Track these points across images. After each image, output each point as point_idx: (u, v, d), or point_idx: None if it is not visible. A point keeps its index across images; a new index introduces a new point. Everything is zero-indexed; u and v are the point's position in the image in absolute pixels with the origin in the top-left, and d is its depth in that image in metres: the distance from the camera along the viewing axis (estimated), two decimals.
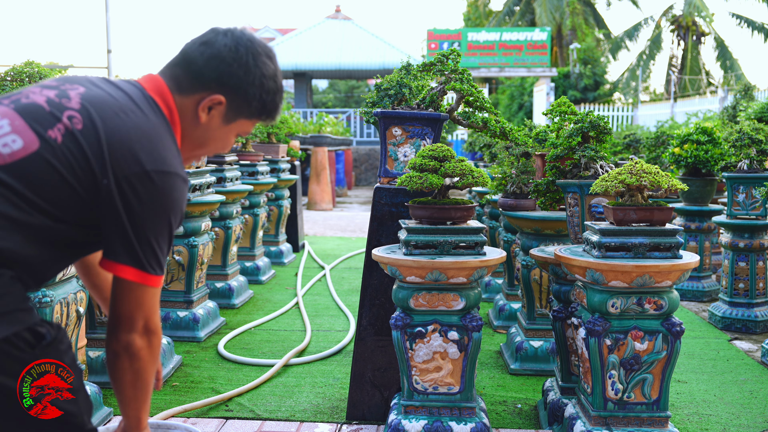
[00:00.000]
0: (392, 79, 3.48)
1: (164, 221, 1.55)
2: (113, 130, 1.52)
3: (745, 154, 4.96)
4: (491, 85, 29.65)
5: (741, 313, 4.98)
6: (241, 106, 1.69)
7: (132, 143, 1.52)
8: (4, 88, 2.84)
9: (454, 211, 2.81)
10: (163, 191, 1.53)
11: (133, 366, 1.62)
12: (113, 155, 1.49)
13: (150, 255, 1.55)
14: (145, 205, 1.51)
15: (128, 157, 1.50)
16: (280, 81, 1.74)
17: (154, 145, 1.55)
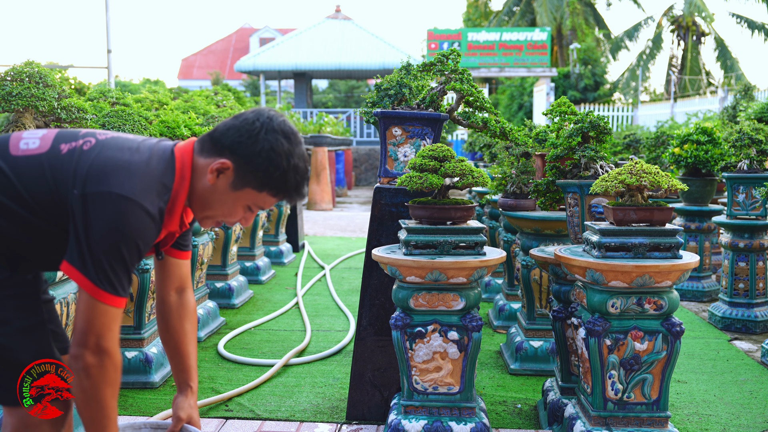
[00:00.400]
0: (392, 79, 3.48)
1: (115, 244, 1.63)
2: (106, 157, 1.71)
3: (745, 154, 4.96)
4: (491, 85, 29.66)
5: (741, 313, 4.98)
6: (248, 175, 1.76)
7: (111, 169, 1.68)
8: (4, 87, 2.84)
9: (454, 211, 2.81)
10: (119, 214, 1.63)
11: (83, 384, 1.67)
12: (90, 173, 1.67)
13: (100, 272, 1.63)
14: (100, 222, 1.63)
15: (101, 177, 1.66)
16: (296, 162, 1.76)
17: (131, 177, 1.68)
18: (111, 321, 1.66)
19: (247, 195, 1.78)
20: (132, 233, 1.64)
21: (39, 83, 2.91)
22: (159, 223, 1.73)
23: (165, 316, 2.08)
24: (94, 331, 1.64)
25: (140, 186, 1.68)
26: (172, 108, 5.54)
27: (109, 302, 1.65)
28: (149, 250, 1.84)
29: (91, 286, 1.63)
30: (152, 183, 1.72)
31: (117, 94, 4.53)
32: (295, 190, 1.77)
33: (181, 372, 2.07)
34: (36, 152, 1.74)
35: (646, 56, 27.15)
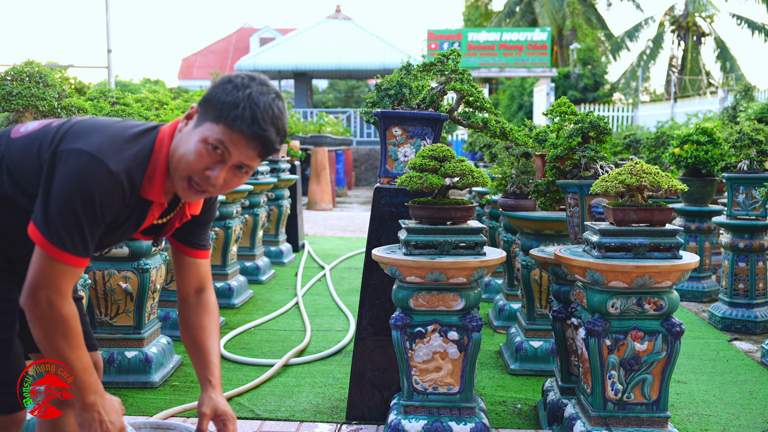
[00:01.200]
0: (392, 79, 3.48)
1: (70, 199, 1.62)
2: (87, 122, 1.76)
3: (745, 154, 4.96)
4: (491, 86, 29.65)
5: (741, 313, 4.98)
6: (206, 109, 1.71)
7: (87, 130, 1.72)
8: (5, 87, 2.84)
9: (454, 211, 2.81)
10: (79, 168, 1.63)
11: (35, 333, 1.69)
12: (67, 134, 1.72)
13: (51, 225, 1.63)
14: (60, 177, 1.64)
15: (75, 137, 1.70)
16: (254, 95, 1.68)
17: (102, 137, 1.70)
18: (58, 276, 1.65)
19: (206, 130, 1.69)
20: (88, 187, 1.63)
21: (39, 83, 2.91)
22: (127, 186, 1.70)
23: (184, 316, 2.05)
24: (41, 284, 1.65)
25: (108, 145, 1.67)
26: (172, 108, 5.55)
27: (57, 257, 1.64)
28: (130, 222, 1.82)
29: (42, 239, 1.64)
30: (125, 144, 1.70)
31: (117, 94, 4.53)
32: (252, 122, 1.65)
33: (201, 368, 2.01)
34: (31, 131, 1.80)
35: (646, 56, 27.16)
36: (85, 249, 1.69)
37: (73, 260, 1.66)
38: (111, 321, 3.66)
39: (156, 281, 3.76)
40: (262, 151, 1.70)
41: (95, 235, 1.71)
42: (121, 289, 3.60)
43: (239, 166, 1.73)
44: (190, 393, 3.57)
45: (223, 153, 1.69)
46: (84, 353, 1.72)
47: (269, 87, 1.72)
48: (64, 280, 1.67)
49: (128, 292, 3.62)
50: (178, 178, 1.74)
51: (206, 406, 1.92)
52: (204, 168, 1.71)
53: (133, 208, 1.79)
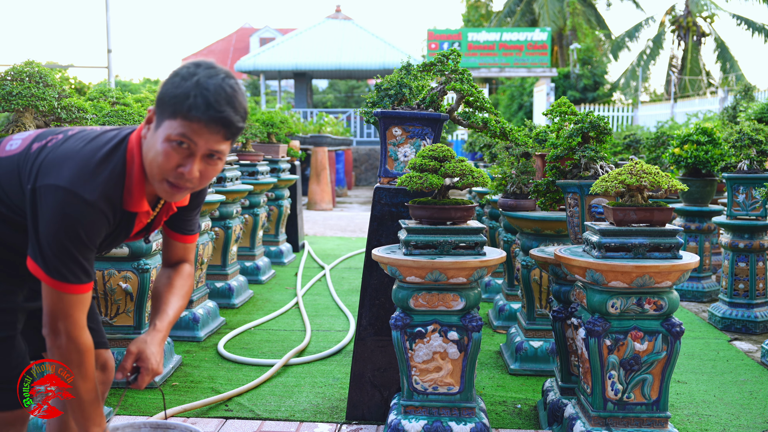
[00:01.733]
0: (392, 79, 3.48)
1: (56, 235, 1.66)
2: (59, 151, 1.74)
3: (745, 154, 4.96)
4: (491, 86, 29.65)
5: (741, 313, 4.98)
6: (162, 109, 1.70)
7: (59, 162, 1.71)
8: (5, 87, 2.84)
9: (454, 211, 2.81)
10: (56, 205, 1.65)
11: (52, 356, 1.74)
12: (42, 167, 1.72)
13: (49, 262, 1.68)
14: (43, 214, 1.67)
15: (48, 171, 1.70)
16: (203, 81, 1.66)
17: (72, 167, 1.69)
18: (70, 307, 1.71)
19: (167, 128, 1.67)
20: (69, 222, 1.65)
21: (39, 83, 2.91)
22: (108, 209, 1.71)
23: (159, 277, 2.10)
24: (58, 315, 1.70)
25: (79, 174, 1.68)
26: None
27: (63, 290, 1.69)
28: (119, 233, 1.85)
29: (45, 276, 1.69)
30: (96, 169, 1.71)
31: (117, 94, 4.53)
32: (207, 108, 1.64)
33: (154, 314, 2.02)
34: (14, 152, 1.81)
35: (646, 56, 27.14)
36: (86, 275, 1.73)
37: (78, 289, 1.72)
38: (111, 321, 3.66)
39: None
40: (226, 134, 1.69)
41: (91, 259, 1.75)
42: (121, 289, 3.60)
43: (210, 155, 1.71)
44: (190, 393, 3.57)
45: (189, 146, 1.68)
46: (93, 386, 1.79)
47: (216, 69, 1.71)
48: (76, 309, 1.73)
49: (128, 292, 3.61)
50: (156, 183, 1.74)
51: (135, 345, 1.91)
52: (175, 166, 1.70)
53: (119, 223, 1.81)
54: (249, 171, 6.35)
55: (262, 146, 7.16)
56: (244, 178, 6.27)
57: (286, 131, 7.89)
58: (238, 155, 6.27)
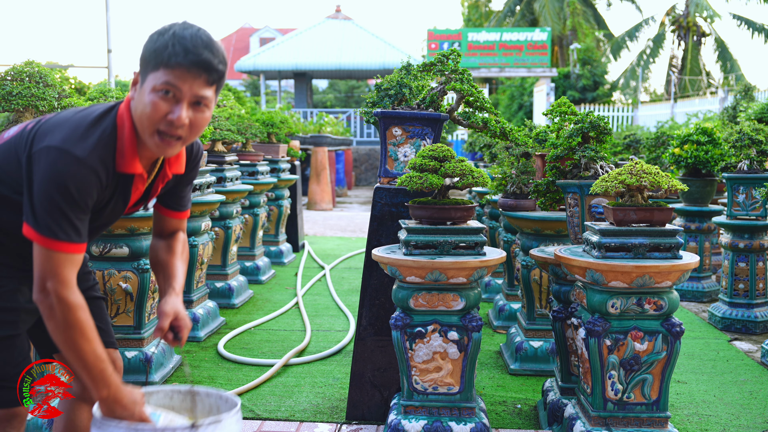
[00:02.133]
0: (392, 79, 3.48)
1: (48, 192, 1.70)
2: (52, 120, 1.82)
3: (745, 154, 4.96)
4: (491, 86, 29.64)
5: (741, 313, 4.98)
6: (144, 65, 1.77)
7: (52, 127, 1.78)
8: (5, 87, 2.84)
9: (454, 211, 2.81)
10: (49, 163, 1.71)
11: (49, 325, 1.73)
12: (36, 135, 1.79)
13: (41, 219, 1.70)
14: (37, 176, 1.72)
15: (42, 136, 1.77)
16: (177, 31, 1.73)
17: (64, 129, 1.76)
18: (59, 266, 1.71)
19: (151, 80, 1.74)
20: (61, 179, 1.69)
21: (39, 83, 2.91)
22: (100, 168, 1.76)
23: (155, 246, 2.15)
24: (46, 275, 1.71)
25: (71, 135, 1.74)
26: None
27: (53, 247, 1.70)
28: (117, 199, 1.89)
29: (35, 235, 1.71)
30: (87, 131, 1.77)
31: (117, 94, 4.53)
32: (186, 53, 1.71)
33: (166, 280, 2.09)
34: (12, 136, 1.88)
35: (646, 56, 27.14)
36: (78, 235, 1.74)
37: (68, 247, 1.72)
38: (111, 321, 3.65)
39: (156, 281, 3.76)
40: (208, 78, 1.75)
41: (83, 220, 1.76)
42: (121, 289, 3.60)
43: (197, 102, 1.77)
44: None
45: (174, 93, 1.74)
46: (97, 345, 1.74)
47: (191, 24, 1.79)
48: (65, 268, 1.72)
49: (128, 292, 3.62)
50: (148, 138, 1.79)
51: (169, 307, 1.99)
52: (164, 114, 1.75)
53: (114, 187, 1.85)
54: (249, 171, 6.35)
55: (262, 146, 7.16)
56: (244, 178, 6.27)
57: (286, 131, 7.88)
58: (238, 155, 6.27)
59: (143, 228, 3.62)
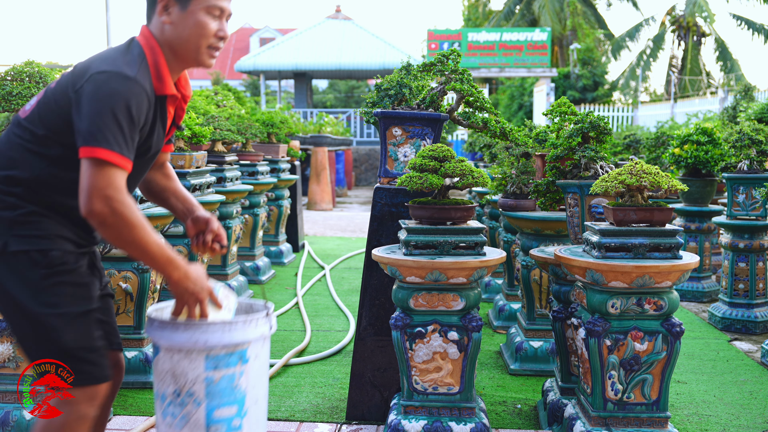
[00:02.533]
0: (392, 79, 3.48)
1: (105, 108, 1.78)
2: (82, 62, 1.92)
3: (745, 154, 4.96)
4: (491, 86, 29.64)
5: (741, 313, 4.98)
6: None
7: (91, 62, 1.89)
8: (5, 87, 2.84)
9: (454, 211, 2.81)
10: (102, 84, 1.80)
11: (107, 235, 1.79)
12: (76, 73, 1.88)
13: (97, 133, 1.76)
14: (90, 99, 1.79)
15: (85, 71, 1.86)
16: None
17: (105, 59, 1.88)
18: (113, 176, 1.77)
19: (200, 4, 1.92)
20: (118, 96, 1.79)
21: (39, 83, 2.91)
22: (146, 86, 1.87)
23: (148, 182, 2.24)
24: (96, 186, 1.75)
25: (113, 61, 1.86)
26: None
27: (105, 157, 1.75)
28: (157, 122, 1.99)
29: (89, 149, 1.76)
30: (123, 57, 1.90)
31: None
32: None
33: (180, 202, 2.22)
34: (40, 98, 1.95)
35: (646, 56, 27.14)
36: (128, 149, 1.80)
37: (119, 159, 1.78)
38: None
39: (156, 281, 3.76)
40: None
41: (134, 139, 1.84)
42: (121, 289, 3.60)
43: (227, 16, 2.01)
44: None
45: (219, 13, 1.96)
46: (157, 235, 1.83)
47: None
48: (119, 179, 1.78)
49: (128, 292, 3.62)
50: (200, 54, 1.97)
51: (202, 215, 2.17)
52: (216, 31, 1.97)
53: (155, 108, 1.96)
54: (249, 171, 6.35)
55: (262, 146, 7.15)
56: (244, 178, 6.27)
57: (286, 131, 7.89)
58: (238, 155, 6.27)
59: None
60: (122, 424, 3.15)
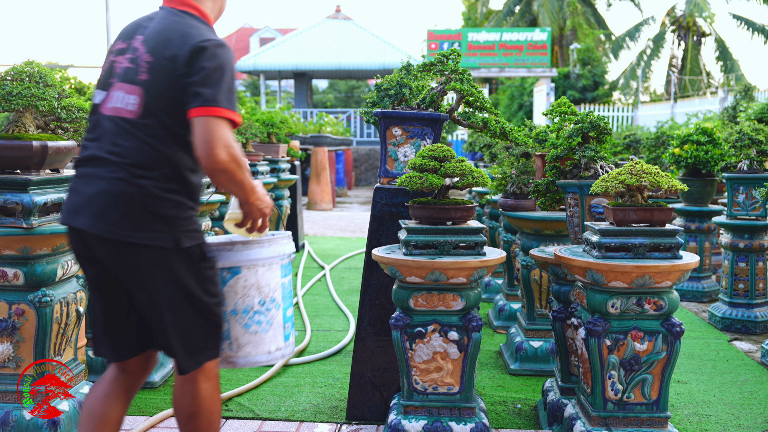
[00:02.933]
0: (392, 79, 3.48)
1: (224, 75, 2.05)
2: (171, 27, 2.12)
3: (745, 154, 4.96)
4: (491, 86, 29.64)
5: (741, 313, 4.98)
6: None
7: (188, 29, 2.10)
8: (5, 87, 2.84)
9: (454, 211, 2.81)
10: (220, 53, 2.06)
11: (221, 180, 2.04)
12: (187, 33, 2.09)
13: (222, 96, 2.02)
14: (211, 62, 2.03)
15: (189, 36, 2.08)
16: None
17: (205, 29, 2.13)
18: (226, 131, 2.01)
19: None
20: (231, 66, 2.09)
21: (39, 83, 2.91)
22: None
23: None
24: (216, 139, 1.98)
25: (212, 33, 2.12)
26: None
27: (226, 115, 2.01)
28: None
29: (212, 109, 1.99)
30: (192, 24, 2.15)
31: None
32: None
33: None
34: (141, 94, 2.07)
35: (646, 56, 27.14)
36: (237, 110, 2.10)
37: (235, 116, 2.04)
38: None
39: None
40: None
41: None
42: None
43: None
44: None
45: None
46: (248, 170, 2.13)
47: None
48: (230, 133, 2.03)
49: None
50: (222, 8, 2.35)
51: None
52: None
53: None
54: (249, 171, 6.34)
55: (262, 146, 7.15)
56: None
57: (286, 131, 7.89)
58: None
59: None
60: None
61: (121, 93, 2.08)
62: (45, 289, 2.81)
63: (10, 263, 2.78)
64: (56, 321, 2.84)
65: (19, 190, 2.73)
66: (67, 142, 2.92)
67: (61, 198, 2.85)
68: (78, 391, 2.93)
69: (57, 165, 2.91)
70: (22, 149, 2.73)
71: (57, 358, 2.84)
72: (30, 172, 2.79)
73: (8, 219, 2.73)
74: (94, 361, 3.62)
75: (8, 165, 2.77)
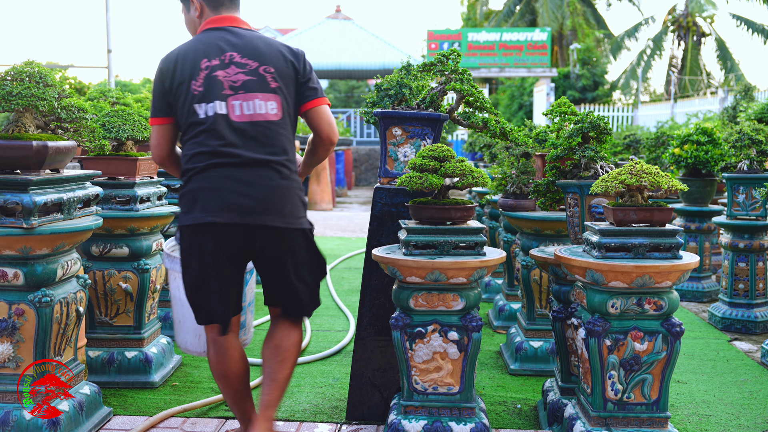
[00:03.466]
0: (392, 79, 3.48)
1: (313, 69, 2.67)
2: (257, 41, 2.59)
3: (745, 154, 4.96)
4: (491, 86, 29.64)
5: (741, 313, 4.98)
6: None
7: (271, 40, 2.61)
8: (5, 87, 2.83)
9: (454, 211, 2.81)
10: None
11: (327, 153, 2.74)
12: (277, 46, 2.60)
13: (321, 87, 2.64)
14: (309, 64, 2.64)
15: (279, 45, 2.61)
16: None
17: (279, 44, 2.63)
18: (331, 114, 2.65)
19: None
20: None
21: (39, 83, 2.91)
22: None
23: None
24: (334, 125, 2.62)
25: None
26: None
27: (328, 103, 2.65)
28: None
29: (324, 99, 2.61)
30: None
31: (117, 94, 4.53)
32: None
33: None
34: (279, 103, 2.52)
35: (646, 56, 27.14)
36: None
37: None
38: (111, 321, 3.66)
39: (156, 281, 3.76)
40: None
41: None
42: (121, 289, 3.60)
43: None
44: (190, 393, 3.56)
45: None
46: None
47: None
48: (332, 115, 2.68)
49: (128, 292, 3.62)
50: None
51: None
52: None
53: None
54: None
55: None
56: None
57: None
58: None
59: (143, 228, 3.63)
60: (122, 424, 3.14)
61: (258, 101, 2.45)
62: (45, 289, 2.81)
63: (10, 263, 2.78)
64: (56, 321, 2.84)
65: (19, 190, 2.73)
66: (67, 142, 2.92)
67: (62, 198, 2.85)
68: (78, 391, 2.94)
69: (57, 165, 2.91)
70: (22, 149, 2.73)
71: (57, 358, 2.84)
72: (30, 172, 2.79)
73: (8, 219, 2.73)
74: (94, 361, 3.62)
75: (8, 165, 2.77)
